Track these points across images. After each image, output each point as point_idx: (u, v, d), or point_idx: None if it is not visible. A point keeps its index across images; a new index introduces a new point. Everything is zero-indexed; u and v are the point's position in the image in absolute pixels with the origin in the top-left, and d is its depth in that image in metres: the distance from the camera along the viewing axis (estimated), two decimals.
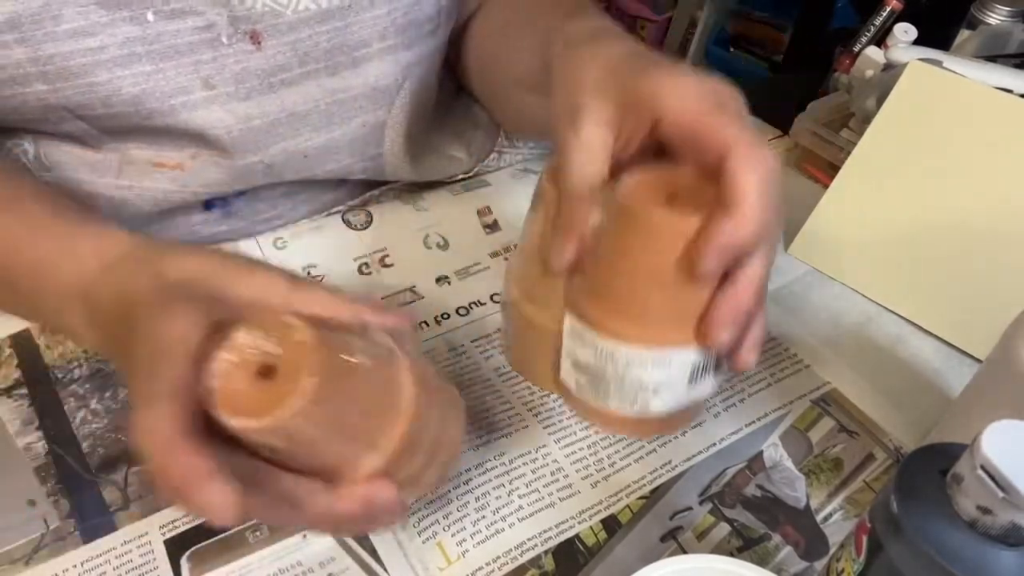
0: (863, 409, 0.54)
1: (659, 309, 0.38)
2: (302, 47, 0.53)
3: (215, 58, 0.52)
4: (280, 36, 0.52)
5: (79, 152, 0.56)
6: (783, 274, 0.63)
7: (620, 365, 0.39)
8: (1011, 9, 0.73)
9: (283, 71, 0.54)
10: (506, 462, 0.50)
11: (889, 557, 0.34)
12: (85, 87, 0.50)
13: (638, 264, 0.37)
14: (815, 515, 0.48)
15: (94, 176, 0.56)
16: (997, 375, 0.44)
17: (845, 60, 0.75)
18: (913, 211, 0.61)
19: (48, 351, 0.54)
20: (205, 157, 0.56)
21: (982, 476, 0.31)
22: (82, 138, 0.55)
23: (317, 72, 0.55)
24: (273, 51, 0.53)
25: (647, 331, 0.38)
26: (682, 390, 0.40)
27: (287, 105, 0.55)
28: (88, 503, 0.47)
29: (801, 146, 0.73)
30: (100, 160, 0.56)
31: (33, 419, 0.50)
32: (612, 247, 0.38)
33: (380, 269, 0.60)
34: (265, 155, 0.57)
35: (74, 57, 0.48)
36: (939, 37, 0.72)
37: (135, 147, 0.56)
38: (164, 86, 0.51)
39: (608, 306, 0.39)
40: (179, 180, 0.57)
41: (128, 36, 0.49)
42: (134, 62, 0.49)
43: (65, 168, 0.56)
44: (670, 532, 0.47)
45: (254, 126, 0.55)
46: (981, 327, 0.49)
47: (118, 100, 0.51)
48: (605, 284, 0.39)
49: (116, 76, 0.50)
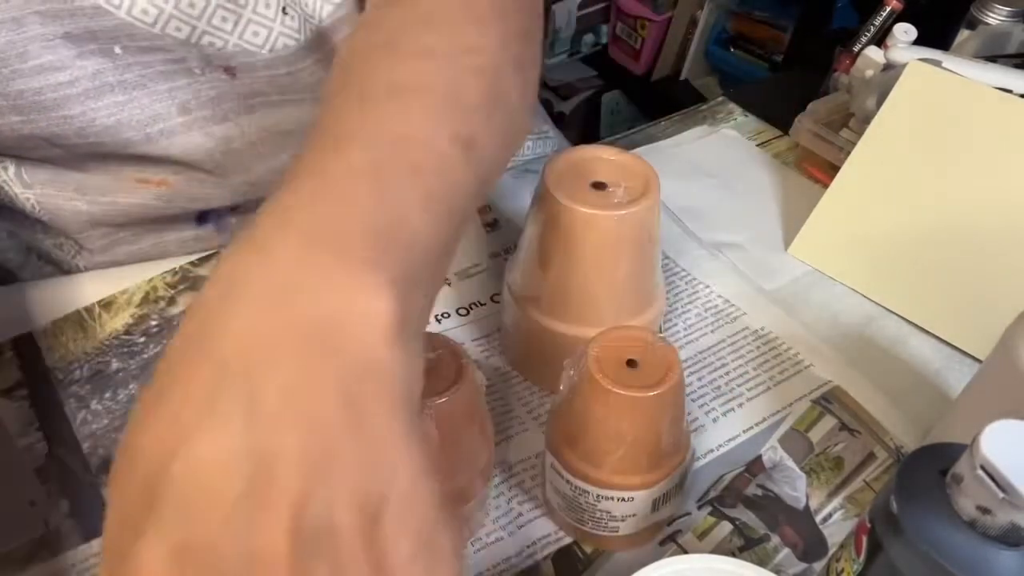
0: (864, 406, 0.54)
1: (623, 461, 0.42)
2: (281, 81, 0.52)
3: (189, 84, 0.50)
4: (254, 72, 0.51)
5: (62, 172, 0.55)
6: (783, 274, 0.63)
7: (591, 499, 0.43)
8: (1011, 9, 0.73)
9: (261, 95, 0.52)
10: (505, 468, 0.50)
11: (889, 557, 0.34)
12: (59, 119, 0.49)
13: (601, 425, 0.41)
14: (815, 515, 0.48)
15: (77, 194, 0.56)
16: (997, 375, 0.44)
17: (845, 60, 0.75)
18: (913, 211, 0.61)
19: (50, 353, 0.54)
20: (189, 174, 0.55)
21: (982, 476, 0.31)
22: (64, 160, 0.54)
23: (301, 101, 0.54)
24: (249, 80, 0.51)
25: (613, 478, 0.42)
26: (647, 515, 0.44)
27: (268, 125, 0.54)
28: (88, 504, 0.47)
29: (801, 146, 0.73)
30: (83, 179, 0.55)
31: (33, 420, 0.50)
32: (581, 406, 0.42)
33: None
34: (248, 175, 0.56)
35: (45, 92, 0.47)
36: (939, 37, 0.72)
37: (116, 167, 0.55)
38: (139, 115, 0.50)
39: (579, 454, 0.43)
40: (164, 196, 0.56)
41: (99, 68, 0.48)
42: (106, 93, 0.49)
43: (47, 186, 0.55)
44: (669, 536, 0.47)
45: (234, 148, 0.54)
46: (981, 327, 0.49)
47: (92, 131, 0.50)
48: (576, 435, 0.43)
49: (89, 108, 0.49)
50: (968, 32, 0.74)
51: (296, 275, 0.25)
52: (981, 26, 0.74)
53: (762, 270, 0.63)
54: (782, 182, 0.72)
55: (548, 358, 0.51)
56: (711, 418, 0.53)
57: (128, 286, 0.58)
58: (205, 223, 0.61)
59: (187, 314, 0.26)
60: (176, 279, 0.59)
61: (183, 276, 0.59)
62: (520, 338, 0.53)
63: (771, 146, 0.76)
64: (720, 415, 0.53)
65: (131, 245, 0.60)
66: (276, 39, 0.51)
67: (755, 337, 0.58)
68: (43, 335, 0.55)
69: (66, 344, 0.55)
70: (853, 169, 0.63)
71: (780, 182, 0.72)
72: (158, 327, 0.56)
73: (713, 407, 0.53)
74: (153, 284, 0.58)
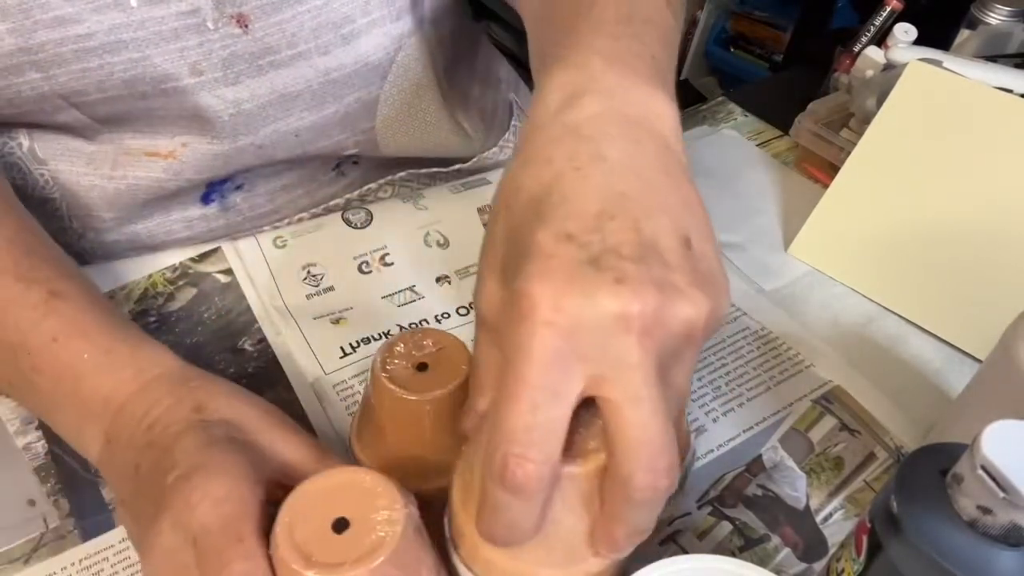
0: (865, 406, 0.54)
1: None
2: (289, 28, 0.53)
3: (201, 43, 0.51)
4: (266, 18, 0.52)
5: (74, 144, 0.56)
6: (783, 274, 0.63)
7: None
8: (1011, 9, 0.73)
9: (272, 53, 0.53)
10: None
11: (889, 557, 0.34)
12: (79, 73, 0.49)
13: None
14: (815, 515, 0.48)
15: (89, 168, 0.56)
16: (997, 375, 0.44)
17: (845, 60, 0.75)
18: (913, 211, 0.61)
19: None
20: (196, 144, 0.56)
21: (982, 476, 0.31)
22: (77, 129, 0.55)
23: (308, 52, 0.54)
24: (261, 33, 0.52)
25: None
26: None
27: (278, 87, 0.55)
28: (87, 502, 0.47)
29: (801, 146, 0.73)
30: (95, 151, 0.56)
31: (32, 418, 0.50)
32: None
33: (380, 268, 0.60)
34: (256, 137, 0.57)
35: (65, 44, 0.48)
36: (939, 37, 0.72)
37: (129, 137, 0.56)
38: (152, 72, 0.51)
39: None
40: (172, 169, 0.57)
41: (114, 23, 0.48)
42: (122, 49, 0.49)
43: (60, 160, 0.56)
44: (669, 536, 0.47)
45: (244, 110, 0.55)
46: (981, 327, 0.49)
47: (111, 85, 0.51)
48: None
49: (107, 62, 0.49)
50: (968, 32, 0.74)
51: (613, 84, 0.36)
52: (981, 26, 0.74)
53: (762, 270, 0.63)
54: (782, 182, 0.72)
55: None
56: (711, 418, 0.53)
57: (126, 282, 0.58)
58: (210, 201, 0.61)
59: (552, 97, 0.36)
60: (176, 275, 0.59)
61: (183, 272, 0.59)
62: None
63: (771, 146, 0.76)
64: (720, 415, 0.53)
65: (137, 224, 0.61)
66: None
67: (755, 337, 0.58)
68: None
69: None
70: (853, 169, 0.63)
71: (780, 182, 0.72)
72: (156, 323, 0.56)
73: (713, 407, 0.53)
74: (152, 280, 0.58)
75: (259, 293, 0.58)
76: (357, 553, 0.32)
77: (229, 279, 0.59)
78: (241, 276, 0.59)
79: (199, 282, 0.58)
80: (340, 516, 0.33)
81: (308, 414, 0.51)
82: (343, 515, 0.33)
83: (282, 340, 0.55)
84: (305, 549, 0.32)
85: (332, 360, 0.54)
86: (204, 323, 0.56)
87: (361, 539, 0.33)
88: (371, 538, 0.33)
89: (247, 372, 0.54)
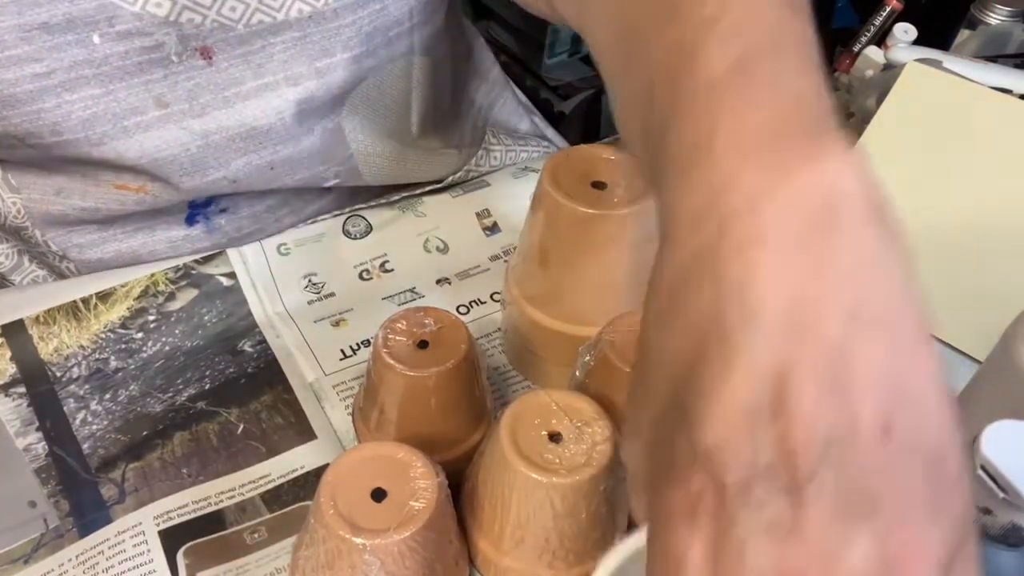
0: None
1: None
2: (255, 59, 0.51)
3: (166, 76, 0.50)
4: (230, 50, 0.51)
5: (43, 175, 0.55)
6: None
7: None
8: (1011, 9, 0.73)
9: (236, 84, 0.52)
10: None
11: None
12: (32, 114, 0.48)
13: None
14: None
15: (60, 198, 0.55)
16: (997, 375, 0.44)
17: (845, 60, 0.75)
18: (912, 211, 0.60)
19: (42, 343, 0.54)
20: (166, 178, 0.54)
21: (982, 476, 0.31)
22: (41, 162, 0.54)
23: (276, 84, 0.53)
24: (226, 64, 0.51)
25: None
26: None
27: (245, 119, 0.54)
28: (88, 503, 0.47)
29: None
30: (63, 183, 0.55)
31: (33, 420, 0.50)
32: (595, 390, 0.43)
33: (380, 275, 0.60)
34: (227, 171, 0.55)
35: (21, 83, 0.47)
36: (939, 37, 0.72)
37: (92, 171, 0.54)
38: (115, 108, 0.50)
39: None
40: (145, 202, 0.56)
41: (75, 60, 0.47)
42: (82, 85, 0.48)
43: (32, 190, 0.55)
44: None
45: (212, 142, 0.53)
46: (980, 327, 0.49)
47: (67, 127, 0.49)
48: None
49: (65, 101, 0.48)
50: (968, 32, 0.74)
51: (763, 183, 0.26)
52: (981, 26, 0.74)
53: None
54: None
55: (548, 357, 0.51)
56: None
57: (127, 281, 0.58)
58: (194, 223, 0.61)
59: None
60: (179, 275, 0.58)
61: (186, 272, 0.59)
62: (520, 337, 0.53)
63: None
64: None
65: (120, 243, 0.60)
66: (252, 15, 0.50)
67: None
68: (34, 323, 0.55)
69: (59, 334, 0.54)
70: None
71: None
72: (156, 322, 0.56)
73: None
74: (154, 279, 0.58)
75: (261, 297, 0.58)
76: (398, 519, 0.36)
77: (232, 282, 0.59)
78: (244, 280, 0.59)
79: (202, 283, 0.58)
80: (377, 487, 0.37)
81: (308, 414, 0.51)
82: (380, 486, 0.37)
83: (282, 343, 0.55)
84: (350, 517, 0.36)
85: (332, 361, 0.54)
86: (204, 325, 0.56)
87: (400, 507, 0.36)
88: (410, 505, 0.36)
89: (247, 372, 0.54)
